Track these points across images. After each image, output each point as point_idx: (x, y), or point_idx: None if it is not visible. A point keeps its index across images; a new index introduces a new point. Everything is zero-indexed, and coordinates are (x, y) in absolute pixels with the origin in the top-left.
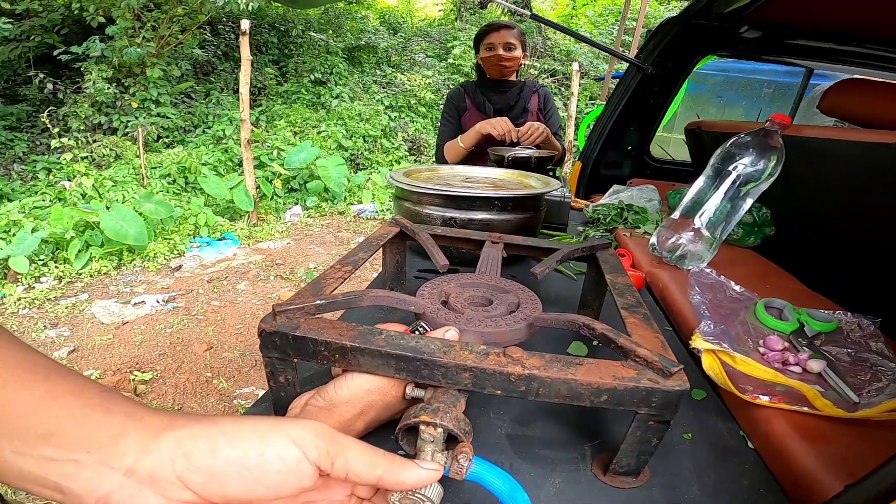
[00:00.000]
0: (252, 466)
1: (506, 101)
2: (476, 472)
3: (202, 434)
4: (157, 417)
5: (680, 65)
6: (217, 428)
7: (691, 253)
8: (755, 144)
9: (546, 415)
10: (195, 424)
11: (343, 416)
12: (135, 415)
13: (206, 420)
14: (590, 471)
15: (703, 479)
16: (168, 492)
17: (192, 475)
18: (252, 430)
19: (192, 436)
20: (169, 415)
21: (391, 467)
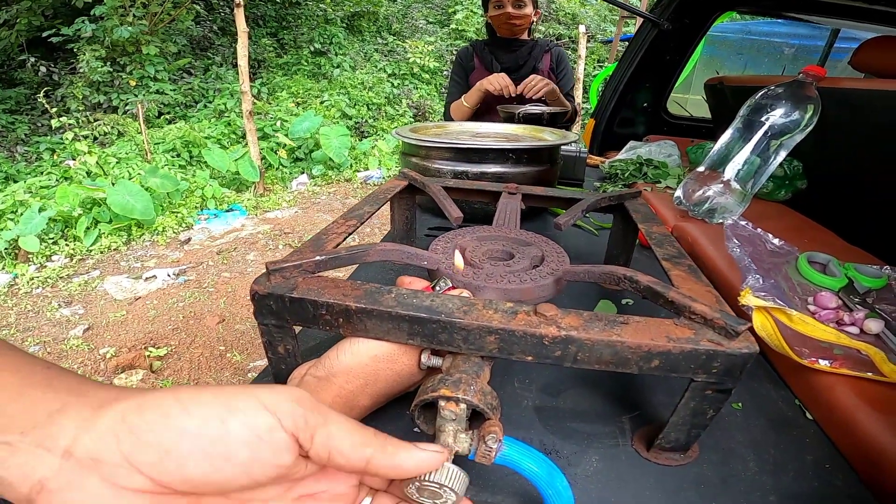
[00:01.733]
0: (214, 438)
1: (515, 59)
2: (507, 455)
3: (152, 404)
4: (103, 391)
5: (697, 21)
6: (171, 395)
7: (721, 206)
8: (788, 96)
9: (577, 383)
10: (146, 395)
11: (344, 388)
12: (78, 390)
13: (160, 390)
14: (630, 446)
15: (760, 455)
16: (114, 477)
17: (140, 454)
18: (214, 395)
19: (139, 407)
20: (117, 389)
21: (384, 447)
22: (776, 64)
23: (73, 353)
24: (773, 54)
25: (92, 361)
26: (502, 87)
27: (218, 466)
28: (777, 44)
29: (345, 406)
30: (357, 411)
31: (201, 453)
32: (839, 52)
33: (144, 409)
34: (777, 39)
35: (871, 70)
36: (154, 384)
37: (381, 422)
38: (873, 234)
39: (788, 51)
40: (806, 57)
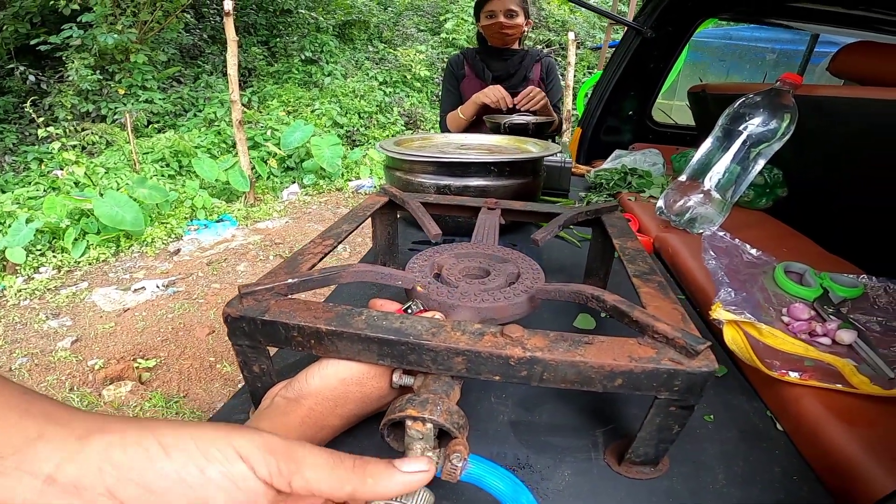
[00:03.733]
0: (194, 484)
1: (506, 68)
2: (472, 473)
3: (134, 442)
4: (81, 420)
5: (680, 28)
6: (153, 436)
7: (701, 216)
8: (766, 104)
9: (553, 398)
10: (127, 430)
11: (314, 409)
12: (56, 417)
13: (141, 424)
14: (602, 460)
15: (729, 467)
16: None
17: (123, 489)
18: (193, 438)
19: (122, 443)
20: (98, 418)
21: (363, 479)
22: (758, 70)
23: (60, 364)
24: (755, 60)
25: (80, 373)
26: (498, 99)
27: None
28: (760, 49)
29: (315, 426)
30: (327, 431)
31: (181, 496)
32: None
33: (127, 446)
34: (760, 45)
35: (849, 76)
36: (143, 395)
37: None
38: (851, 242)
39: (770, 56)
40: (787, 62)
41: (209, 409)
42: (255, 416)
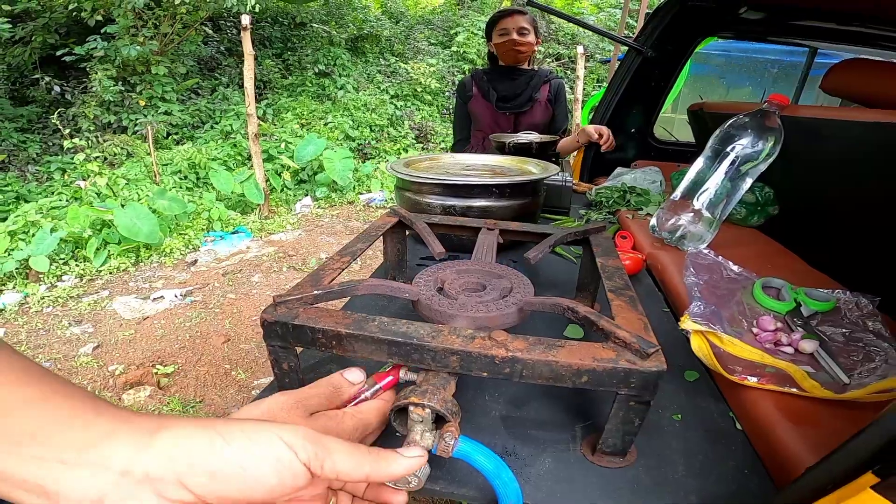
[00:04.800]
0: (250, 468)
1: (513, 88)
2: (462, 450)
3: (199, 434)
4: (147, 419)
5: (680, 47)
6: (213, 429)
7: (691, 233)
8: (753, 125)
9: (539, 396)
10: (189, 425)
11: None
12: (125, 417)
13: (199, 421)
14: (579, 451)
15: (689, 461)
16: (165, 492)
17: (192, 476)
18: (243, 431)
19: (188, 436)
20: (160, 417)
21: (377, 463)
22: (759, 85)
23: (82, 369)
24: (756, 76)
25: (101, 378)
26: (601, 134)
27: (251, 488)
28: (761, 62)
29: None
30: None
31: (239, 478)
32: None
33: (193, 437)
34: (761, 56)
35: (840, 93)
36: (161, 400)
37: None
38: (835, 258)
39: (771, 71)
40: (788, 76)
41: (224, 413)
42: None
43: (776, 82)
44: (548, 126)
